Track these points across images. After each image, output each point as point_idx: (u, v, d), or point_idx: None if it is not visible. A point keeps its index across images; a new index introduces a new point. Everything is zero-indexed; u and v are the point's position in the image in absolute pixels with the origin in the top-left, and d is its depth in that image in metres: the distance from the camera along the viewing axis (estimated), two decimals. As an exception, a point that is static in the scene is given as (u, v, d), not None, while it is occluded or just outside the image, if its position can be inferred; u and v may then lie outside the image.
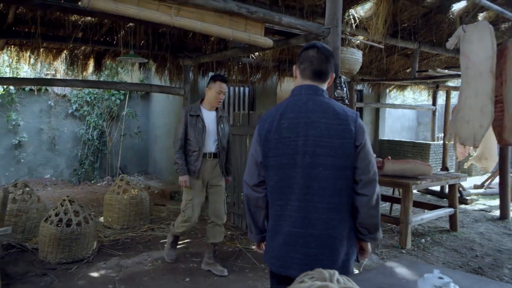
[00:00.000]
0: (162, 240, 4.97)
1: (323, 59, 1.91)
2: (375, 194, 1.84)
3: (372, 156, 1.87)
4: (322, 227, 1.82)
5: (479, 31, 3.82)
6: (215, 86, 3.89)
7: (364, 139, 1.84)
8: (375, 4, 6.12)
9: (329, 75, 1.96)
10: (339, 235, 1.84)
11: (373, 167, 1.85)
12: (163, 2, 3.16)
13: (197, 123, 3.85)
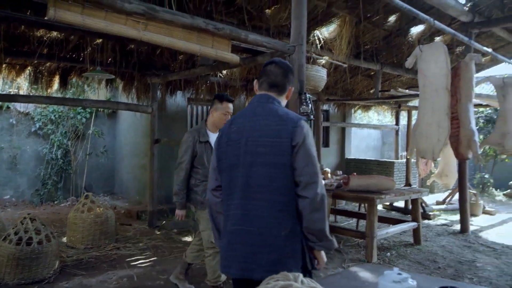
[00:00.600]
0: (128, 258, 4.87)
1: (279, 72, 2.04)
2: (316, 197, 1.81)
3: (312, 158, 1.85)
4: (260, 225, 1.84)
5: (434, 51, 4.06)
6: (221, 107, 3.56)
7: (302, 140, 1.84)
8: (338, 26, 6.39)
9: (286, 88, 2.06)
10: (277, 234, 1.83)
11: (312, 169, 1.83)
12: (131, 17, 3.20)
13: (206, 149, 3.51)
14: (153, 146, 6.73)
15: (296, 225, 1.85)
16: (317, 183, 1.84)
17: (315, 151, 1.90)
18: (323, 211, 1.83)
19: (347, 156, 11.35)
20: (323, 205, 1.83)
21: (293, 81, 2.11)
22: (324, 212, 1.84)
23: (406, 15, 6.59)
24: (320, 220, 1.83)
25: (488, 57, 8.87)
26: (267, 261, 1.81)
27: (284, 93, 2.07)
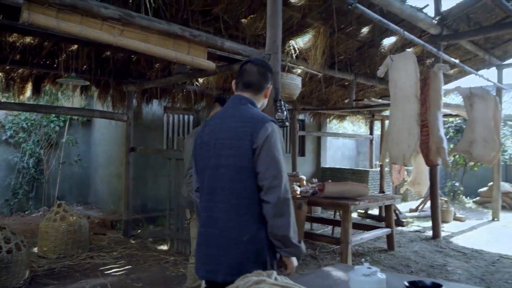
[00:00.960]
0: (101, 267, 4.79)
1: (254, 71, 1.99)
2: (278, 202, 1.74)
3: (274, 162, 1.78)
4: (222, 227, 1.81)
5: (404, 60, 4.21)
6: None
7: (263, 142, 1.78)
8: (313, 36, 6.53)
9: (262, 86, 2.01)
10: (239, 238, 1.77)
11: (273, 172, 1.76)
12: (107, 22, 3.21)
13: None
14: (129, 154, 6.68)
15: (260, 230, 1.79)
16: (279, 187, 1.76)
17: (279, 155, 1.81)
18: (286, 216, 1.76)
19: (323, 165, 11.50)
20: (286, 210, 1.76)
21: (272, 79, 2.06)
22: (288, 218, 1.77)
23: (378, 27, 6.81)
24: (284, 226, 1.76)
25: (456, 69, 9.21)
26: (227, 265, 1.78)
27: (260, 92, 2.01)
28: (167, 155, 5.94)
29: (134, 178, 6.97)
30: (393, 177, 8.59)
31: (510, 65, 9.14)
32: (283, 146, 1.88)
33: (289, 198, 1.78)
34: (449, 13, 6.76)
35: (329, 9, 5.87)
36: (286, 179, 1.81)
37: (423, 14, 6.30)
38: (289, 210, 1.77)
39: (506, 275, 4.96)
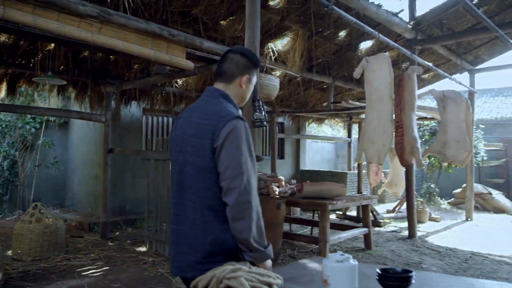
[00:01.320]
0: (78, 269, 4.73)
1: (228, 58, 1.89)
2: (236, 205, 1.66)
3: (234, 161, 1.68)
4: (190, 226, 1.76)
5: (379, 61, 4.33)
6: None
7: (223, 140, 1.69)
8: (291, 39, 6.64)
9: (234, 74, 1.88)
10: (203, 237, 1.73)
11: (232, 173, 1.68)
12: (84, 19, 3.21)
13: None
14: (107, 155, 6.62)
15: (225, 232, 1.71)
16: (238, 189, 1.66)
17: (241, 154, 1.69)
18: (247, 220, 1.66)
19: (302, 167, 11.60)
20: (246, 213, 1.66)
21: (250, 68, 1.90)
22: (249, 221, 1.66)
23: (355, 31, 6.96)
24: (245, 230, 1.66)
25: (431, 73, 9.47)
26: (195, 262, 1.74)
27: (232, 81, 1.88)
28: (145, 156, 5.92)
29: (112, 180, 6.91)
30: (370, 179, 8.75)
31: (481, 70, 9.45)
32: (249, 145, 1.75)
33: (249, 200, 1.67)
34: (423, 18, 6.96)
35: (307, 12, 5.98)
36: (248, 180, 1.69)
37: (398, 18, 6.48)
38: (250, 214, 1.67)
39: (478, 271, 5.12)
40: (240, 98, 1.94)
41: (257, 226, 1.69)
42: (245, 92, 1.94)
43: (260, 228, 1.71)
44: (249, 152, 1.74)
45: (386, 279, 1.70)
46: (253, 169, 1.75)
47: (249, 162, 1.72)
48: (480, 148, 11.26)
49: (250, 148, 1.75)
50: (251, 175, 1.71)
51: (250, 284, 1.49)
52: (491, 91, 19.51)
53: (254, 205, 1.68)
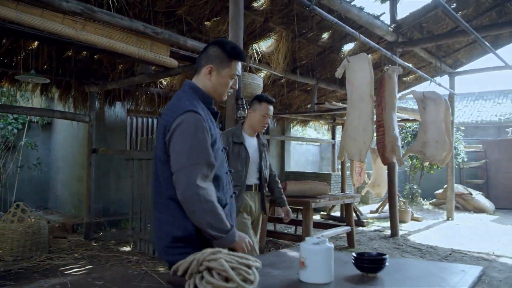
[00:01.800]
0: (61, 268, 4.70)
1: (203, 50, 1.94)
2: (183, 200, 1.72)
3: (179, 156, 1.74)
4: (160, 211, 1.86)
5: (360, 61, 4.44)
6: (260, 108, 3.29)
7: (171, 135, 1.76)
8: (275, 41, 6.73)
9: (200, 64, 1.92)
10: (171, 222, 1.81)
11: (176, 167, 1.74)
12: (69, 16, 3.23)
13: (240, 152, 3.27)
14: (90, 156, 6.60)
15: (187, 218, 1.78)
16: (181, 183, 1.72)
17: (184, 147, 1.74)
18: (199, 212, 1.71)
19: (287, 169, 11.68)
20: (196, 206, 1.71)
21: (221, 59, 1.89)
22: (202, 213, 1.71)
23: (338, 33, 7.08)
24: (200, 222, 1.74)
25: (412, 76, 9.67)
26: (165, 246, 1.84)
27: (199, 72, 1.92)
28: (129, 156, 5.92)
29: (96, 181, 6.89)
30: (354, 179, 8.87)
31: (461, 73, 9.69)
32: (200, 137, 1.77)
33: (196, 192, 1.70)
34: (404, 21, 7.13)
35: (290, 14, 6.08)
36: (193, 172, 1.72)
37: (380, 21, 6.63)
38: (200, 206, 1.71)
39: (457, 267, 5.23)
40: (213, 91, 1.93)
41: (212, 215, 1.73)
42: (215, 84, 1.92)
43: (216, 215, 1.74)
44: (199, 144, 1.76)
45: (362, 262, 1.77)
46: (205, 159, 1.76)
47: (198, 154, 1.74)
48: (460, 150, 11.51)
49: (200, 139, 1.77)
50: (198, 166, 1.73)
51: (230, 265, 1.54)
52: (472, 95, 19.95)
53: (202, 195, 1.70)
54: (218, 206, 1.76)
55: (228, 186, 2.04)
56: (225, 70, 1.91)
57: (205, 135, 1.79)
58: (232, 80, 1.97)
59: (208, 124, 1.84)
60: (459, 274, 1.81)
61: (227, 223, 1.78)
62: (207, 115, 1.90)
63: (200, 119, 1.79)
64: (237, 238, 1.81)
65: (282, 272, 1.83)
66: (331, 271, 1.67)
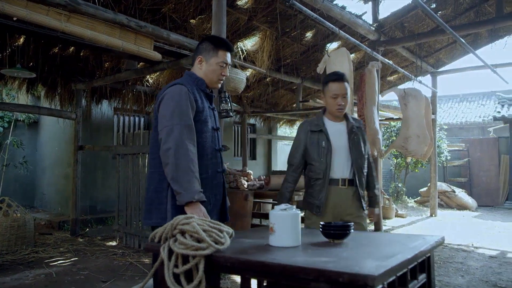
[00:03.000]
0: (47, 260, 4.75)
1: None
2: (161, 153, 2.00)
3: (161, 118, 2.05)
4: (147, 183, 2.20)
5: (339, 56, 4.58)
6: (327, 90, 2.82)
7: (159, 103, 2.10)
8: (260, 39, 6.85)
9: (193, 59, 2.30)
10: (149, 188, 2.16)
11: (160, 126, 2.04)
12: (53, 8, 3.31)
13: (319, 141, 2.80)
14: (77, 153, 6.64)
15: (162, 181, 2.06)
16: (163, 140, 2.01)
17: (167, 110, 2.03)
18: (169, 166, 1.95)
19: (274, 168, 11.80)
20: (168, 159, 1.96)
21: (208, 50, 2.24)
22: (172, 166, 1.95)
23: (321, 32, 7.23)
24: (168, 174, 1.97)
25: (396, 75, 9.87)
26: (144, 210, 2.15)
27: (193, 64, 2.28)
28: (116, 151, 5.98)
29: (83, 179, 6.92)
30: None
31: (443, 72, 9.91)
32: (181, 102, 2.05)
33: (169, 147, 1.96)
34: (386, 21, 7.29)
35: (273, 12, 6.20)
36: (173, 129, 1.98)
37: (362, 20, 6.78)
38: (172, 159, 1.94)
39: (436, 257, 5.40)
40: (206, 78, 2.26)
41: (179, 170, 1.94)
42: (206, 72, 2.24)
43: (182, 171, 1.95)
44: (181, 109, 2.03)
45: (328, 229, 1.88)
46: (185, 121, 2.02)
47: (178, 116, 2.01)
48: (443, 148, 11.73)
49: (183, 105, 2.04)
50: (178, 127, 1.99)
51: (202, 228, 1.64)
52: (456, 97, 20.32)
53: (176, 151, 1.95)
54: (188, 165, 1.96)
55: (214, 160, 2.24)
56: (213, 58, 2.23)
57: (187, 103, 2.08)
58: (221, 68, 2.26)
59: (194, 96, 2.13)
60: (420, 240, 1.93)
61: (191, 182, 1.95)
62: (199, 93, 2.20)
63: (185, 90, 2.10)
64: (195, 200, 1.94)
65: (254, 240, 1.94)
66: (298, 236, 1.78)
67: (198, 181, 1.98)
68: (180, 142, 1.97)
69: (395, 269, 1.46)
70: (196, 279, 1.55)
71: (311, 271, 1.34)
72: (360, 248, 1.77)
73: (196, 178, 1.97)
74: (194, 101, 2.11)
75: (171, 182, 1.96)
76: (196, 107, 2.12)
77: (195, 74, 2.25)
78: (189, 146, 1.99)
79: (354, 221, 2.68)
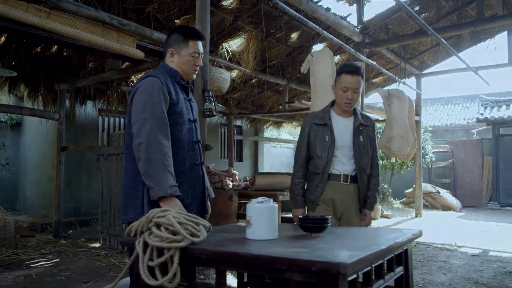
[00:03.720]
0: (27, 261, 4.67)
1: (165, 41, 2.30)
2: (134, 148, 1.97)
3: (134, 113, 2.01)
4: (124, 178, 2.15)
5: (322, 55, 4.62)
6: (339, 81, 2.69)
7: (133, 94, 2.06)
8: (245, 40, 6.86)
9: (164, 52, 2.24)
10: (125, 183, 2.11)
11: (133, 121, 2.00)
12: (33, 4, 3.28)
13: (323, 134, 2.70)
14: (60, 154, 6.55)
15: (136, 176, 2.01)
16: (135, 134, 1.97)
17: (138, 104, 2.00)
18: (142, 161, 1.92)
19: (261, 170, 11.81)
20: (140, 155, 1.92)
21: (177, 42, 2.18)
22: (144, 162, 1.91)
23: (306, 33, 7.27)
24: (141, 169, 1.93)
25: (381, 77, 9.96)
26: (122, 205, 2.10)
27: (165, 57, 2.23)
28: (99, 151, 5.92)
29: (67, 181, 6.84)
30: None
31: (427, 75, 10.04)
32: (153, 95, 2.00)
33: (141, 142, 1.92)
34: (370, 22, 7.37)
35: (259, 13, 6.21)
36: (144, 123, 1.94)
37: (347, 22, 6.84)
38: (144, 154, 1.91)
39: (420, 256, 5.46)
40: (180, 70, 2.20)
41: (151, 164, 1.91)
42: (179, 64, 2.18)
43: (154, 166, 1.91)
44: (153, 101, 2.00)
45: (306, 222, 1.89)
46: (157, 114, 1.98)
47: (150, 109, 1.97)
48: (428, 150, 11.86)
49: (155, 98, 2.00)
50: (150, 120, 1.95)
51: (177, 220, 1.63)
52: (441, 99, 20.58)
53: (148, 144, 1.92)
54: (161, 159, 1.92)
55: (191, 152, 2.19)
56: (184, 50, 2.16)
57: (160, 95, 2.03)
58: (194, 58, 2.19)
59: (168, 89, 2.09)
60: (397, 233, 1.95)
61: (164, 177, 1.91)
62: (173, 85, 2.15)
63: (158, 82, 2.05)
64: (167, 194, 1.89)
65: (233, 234, 1.93)
66: (275, 229, 1.78)
67: (172, 175, 1.94)
68: (152, 136, 1.93)
69: (370, 259, 1.46)
70: (171, 272, 1.54)
71: (284, 261, 1.34)
72: (337, 240, 1.78)
73: (170, 172, 1.93)
74: (168, 93, 2.07)
75: (144, 177, 1.93)
76: (170, 99, 2.07)
77: (169, 66, 2.19)
78: (162, 140, 1.95)
79: (351, 220, 2.71)
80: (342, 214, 2.71)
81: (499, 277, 4.42)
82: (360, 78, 2.66)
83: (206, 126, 4.48)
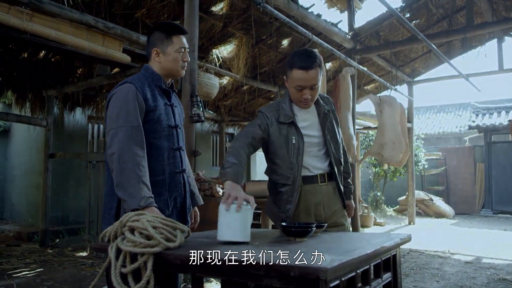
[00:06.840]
0: (10, 271, 4.53)
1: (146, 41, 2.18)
2: (107, 158, 1.88)
3: (108, 121, 1.91)
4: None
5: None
6: (291, 77, 2.17)
7: (108, 102, 1.95)
8: (236, 46, 6.81)
9: (148, 53, 2.10)
10: (104, 192, 2.08)
11: (107, 127, 1.90)
12: (15, 6, 3.21)
13: (289, 135, 2.21)
14: (48, 161, 6.43)
15: (113, 186, 1.87)
16: (108, 144, 1.87)
17: (113, 113, 1.89)
18: (115, 172, 1.81)
19: (253, 178, 11.73)
20: (113, 165, 1.82)
21: (160, 40, 2.06)
22: (116, 173, 1.80)
23: (297, 39, 7.24)
24: (115, 179, 1.81)
25: (373, 84, 9.96)
26: (103, 212, 2.02)
27: (149, 58, 2.09)
28: (87, 158, 5.82)
29: (55, 189, 6.71)
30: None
31: (419, 82, 10.06)
32: (128, 102, 1.89)
33: (112, 152, 1.82)
34: (362, 29, 7.36)
35: (249, 19, 6.18)
36: (117, 133, 1.83)
37: (337, 28, 6.82)
38: (117, 165, 1.80)
39: (413, 264, 5.40)
40: (167, 69, 2.07)
41: (123, 175, 1.79)
42: (166, 63, 2.06)
43: (127, 177, 1.78)
44: (127, 109, 1.88)
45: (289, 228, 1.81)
46: (130, 122, 1.86)
47: (124, 117, 1.86)
48: (421, 157, 11.85)
49: (129, 105, 1.89)
50: (123, 129, 1.84)
51: (152, 224, 1.55)
52: (434, 108, 20.68)
53: (120, 155, 1.80)
54: (134, 170, 1.80)
55: (172, 160, 2.07)
56: (169, 47, 2.05)
57: (135, 102, 1.92)
58: (180, 54, 2.09)
59: (144, 95, 1.97)
60: (384, 237, 1.88)
61: (137, 188, 1.78)
62: (152, 90, 2.03)
63: (133, 88, 1.93)
64: (140, 207, 1.75)
65: (213, 240, 1.85)
66: (247, 230, 1.70)
67: (147, 186, 1.81)
68: (125, 146, 1.82)
69: (353, 264, 1.39)
70: (144, 278, 1.45)
71: (261, 266, 1.26)
72: (320, 244, 1.70)
73: (143, 183, 1.80)
74: (144, 100, 1.95)
75: (116, 188, 1.81)
76: (147, 106, 1.96)
77: (152, 69, 2.07)
78: (135, 150, 1.83)
79: (338, 221, 2.34)
80: (326, 218, 2.27)
81: (492, 284, 4.35)
82: (318, 70, 2.12)
83: (194, 131, 4.40)
